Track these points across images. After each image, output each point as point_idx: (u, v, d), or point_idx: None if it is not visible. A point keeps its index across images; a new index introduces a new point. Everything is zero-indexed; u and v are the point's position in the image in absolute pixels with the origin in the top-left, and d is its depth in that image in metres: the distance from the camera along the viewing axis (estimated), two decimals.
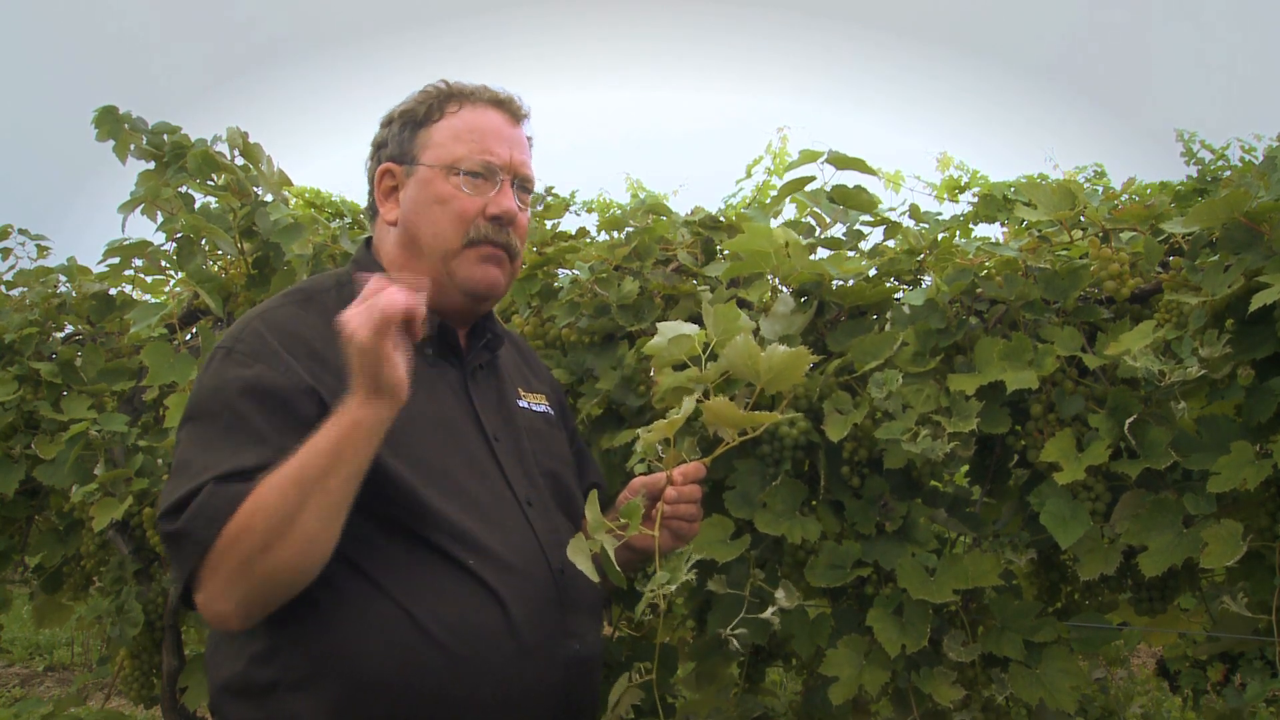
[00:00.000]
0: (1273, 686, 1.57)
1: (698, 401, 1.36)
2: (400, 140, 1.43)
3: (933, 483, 1.82)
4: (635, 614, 1.34)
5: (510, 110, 1.44)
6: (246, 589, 1.16)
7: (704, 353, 1.40)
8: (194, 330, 2.35)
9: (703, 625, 1.83)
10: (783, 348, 1.35)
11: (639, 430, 1.40)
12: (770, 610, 1.52)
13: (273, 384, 1.25)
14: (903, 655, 1.60)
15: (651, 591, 1.28)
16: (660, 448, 1.43)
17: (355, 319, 1.14)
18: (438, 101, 1.42)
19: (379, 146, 1.46)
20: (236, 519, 1.15)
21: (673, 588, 1.28)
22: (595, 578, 1.27)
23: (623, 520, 1.30)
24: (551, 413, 1.55)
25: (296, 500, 1.14)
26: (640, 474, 1.49)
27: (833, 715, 1.76)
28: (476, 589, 1.26)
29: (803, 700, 1.87)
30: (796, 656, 1.87)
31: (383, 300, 1.14)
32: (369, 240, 1.48)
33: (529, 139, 1.48)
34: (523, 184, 1.43)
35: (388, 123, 1.45)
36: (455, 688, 1.23)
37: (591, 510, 1.30)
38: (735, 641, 1.59)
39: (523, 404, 1.49)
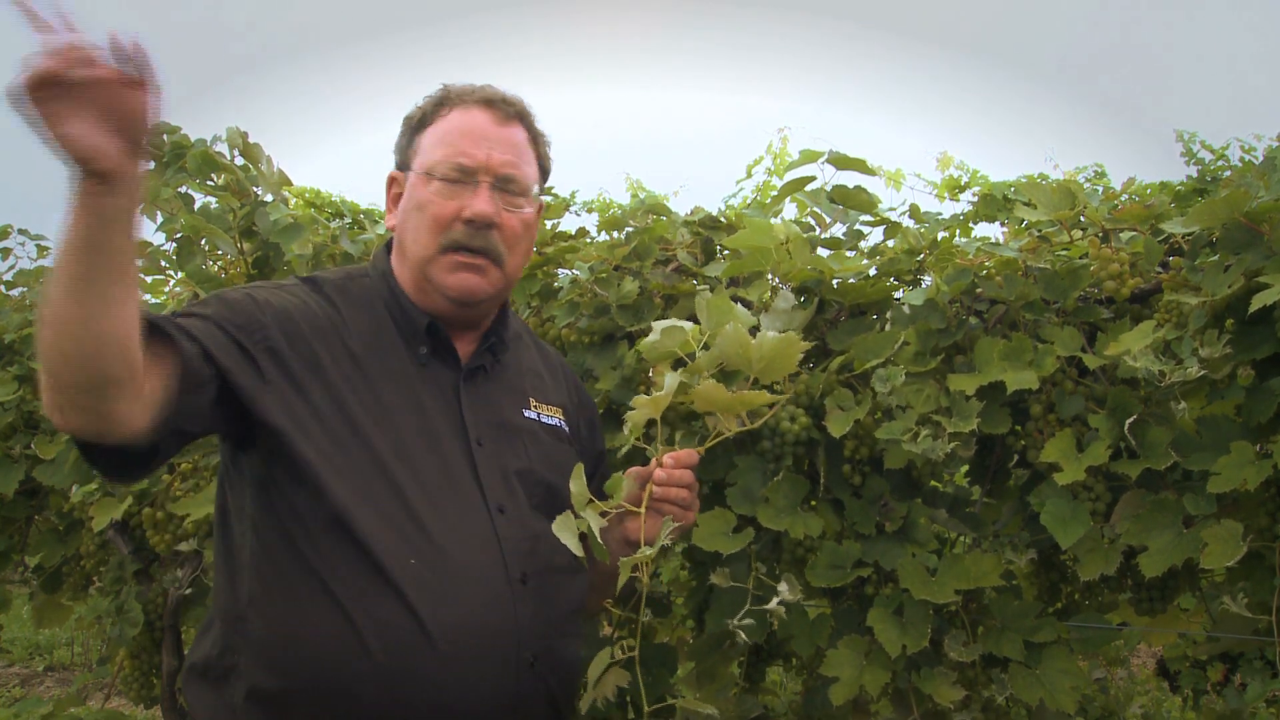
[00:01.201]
0: (1273, 686, 1.57)
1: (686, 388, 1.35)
2: (401, 147, 1.44)
3: (933, 483, 1.82)
4: (616, 588, 1.33)
5: (499, 109, 1.41)
6: (44, 376, 1.09)
7: (698, 346, 1.39)
8: None
9: (702, 624, 1.83)
10: (773, 334, 1.34)
11: (626, 416, 1.39)
12: (775, 601, 1.52)
13: (248, 316, 1.27)
14: (903, 655, 1.60)
15: (634, 566, 1.27)
16: (660, 445, 1.42)
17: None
18: (432, 106, 1.41)
19: (394, 153, 1.48)
20: None
21: (651, 553, 1.26)
22: (580, 553, 1.25)
23: (608, 495, 1.29)
24: (564, 428, 1.52)
25: (50, 282, 1.05)
26: (629, 456, 1.48)
27: (833, 715, 1.76)
28: (410, 591, 1.24)
29: (803, 700, 1.87)
30: (796, 656, 1.87)
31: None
32: (390, 244, 1.49)
33: (538, 136, 1.45)
34: (504, 184, 1.38)
35: (400, 130, 1.47)
36: (381, 691, 1.21)
37: (576, 483, 1.29)
38: (742, 634, 1.59)
39: (529, 413, 1.47)
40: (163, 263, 2.34)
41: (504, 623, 1.29)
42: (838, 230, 1.96)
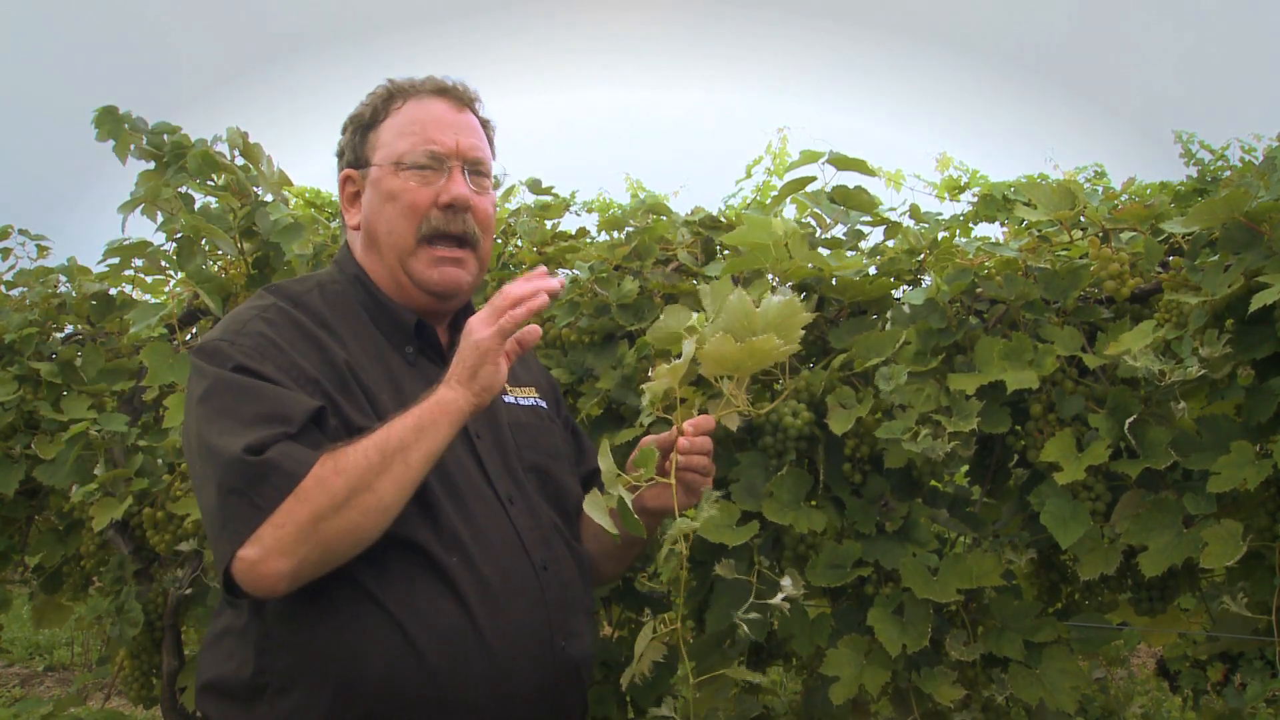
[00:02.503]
0: (1273, 686, 1.57)
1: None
2: (354, 145, 1.43)
3: (933, 482, 1.82)
4: (657, 563, 1.34)
5: (454, 96, 1.42)
6: (309, 547, 1.15)
7: (702, 327, 1.39)
8: (194, 330, 2.35)
9: (702, 623, 1.84)
10: (777, 298, 1.34)
11: (644, 385, 1.39)
12: (780, 596, 1.52)
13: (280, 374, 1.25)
14: (903, 655, 1.60)
15: (673, 539, 1.27)
16: (679, 412, 1.41)
17: (481, 318, 1.24)
18: (383, 102, 1.41)
19: (339, 154, 1.46)
20: (309, 477, 1.15)
21: (698, 525, 1.28)
22: (613, 531, 1.27)
23: (637, 468, 1.30)
24: (543, 405, 1.54)
25: (379, 466, 1.16)
26: (649, 427, 1.48)
27: (833, 715, 1.76)
28: (456, 591, 1.25)
29: (803, 700, 1.87)
30: (796, 656, 1.87)
31: (505, 302, 1.23)
32: (348, 243, 1.48)
33: (485, 122, 1.46)
34: (474, 168, 1.40)
35: (343, 130, 1.45)
36: (437, 691, 1.22)
37: (605, 461, 1.30)
38: (745, 627, 1.59)
39: (509, 399, 1.48)
40: (163, 263, 2.34)
41: (538, 612, 1.32)
42: (838, 230, 1.96)
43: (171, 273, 2.42)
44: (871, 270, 1.88)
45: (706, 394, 1.63)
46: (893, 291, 1.86)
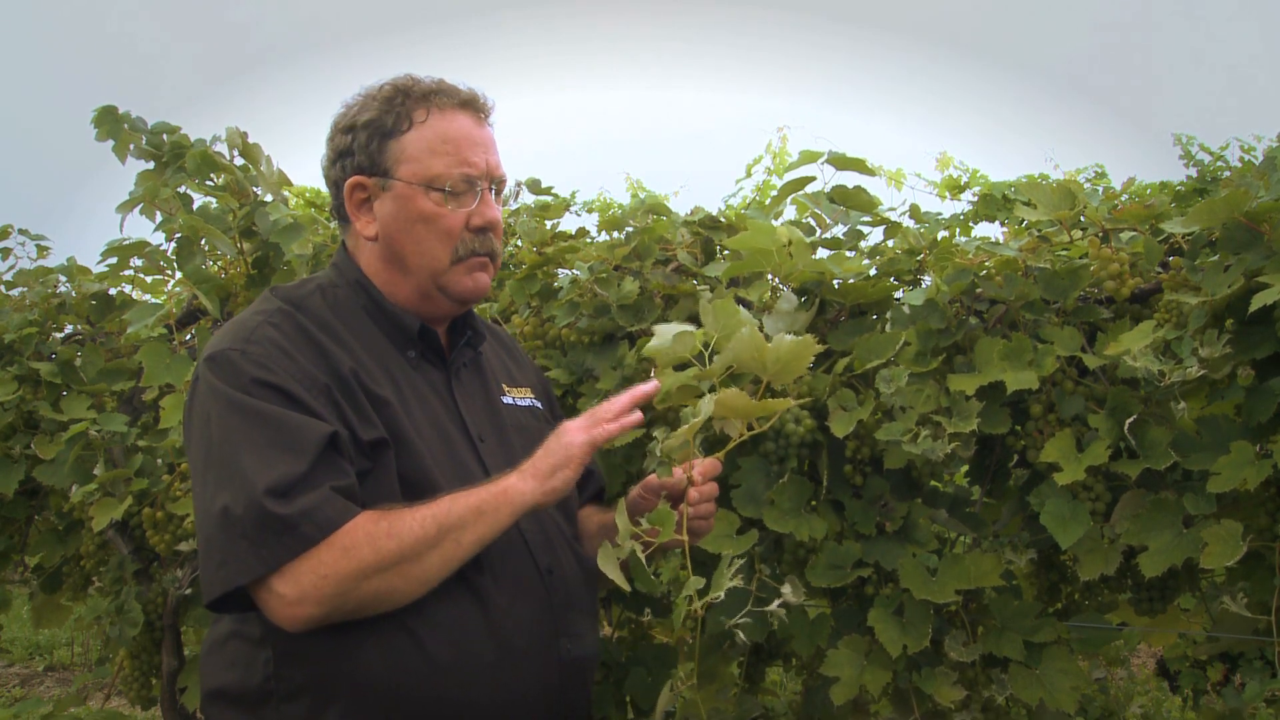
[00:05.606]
0: (1272, 686, 1.57)
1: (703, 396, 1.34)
2: (369, 151, 1.37)
3: (933, 483, 1.82)
4: (674, 626, 1.32)
5: (477, 110, 1.40)
6: (344, 600, 1.16)
7: (705, 350, 1.38)
8: (192, 331, 2.35)
9: (702, 624, 1.84)
10: (789, 337, 1.33)
11: (655, 433, 1.39)
12: (777, 603, 1.51)
13: (300, 388, 1.24)
14: (904, 655, 1.60)
15: (689, 601, 1.25)
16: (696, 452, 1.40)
17: (579, 424, 1.27)
18: (404, 109, 1.36)
19: (343, 154, 1.39)
20: (357, 532, 1.16)
21: (721, 595, 1.26)
22: (626, 587, 1.27)
23: (653, 526, 1.28)
24: (539, 406, 1.54)
25: (433, 540, 1.18)
26: (654, 473, 1.46)
27: (833, 716, 1.76)
28: (463, 595, 1.25)
29: (803, 700, 1.87)
30: (797, 656, 1.87)
31: (605, 414, 1.27)
32: (344, 249, 1.45)
33: (492, 126, 1.44)
34: (498, 185, 1.41)
35: (348, 129, 1.38)
36: (446, 693, 1.23)
37: (621, 519, 1.29)
38: (740, 634, 1.58)
39: (508, 400, 1.48)
40: (161, 263, 2.34)
41: (543, 614, 1.32)
42: (838, 230, 1.96)
43: (170, 273, 2.42)
44: (872, 271, 1.87)
45: None
46: (893, 292, 1.86)
